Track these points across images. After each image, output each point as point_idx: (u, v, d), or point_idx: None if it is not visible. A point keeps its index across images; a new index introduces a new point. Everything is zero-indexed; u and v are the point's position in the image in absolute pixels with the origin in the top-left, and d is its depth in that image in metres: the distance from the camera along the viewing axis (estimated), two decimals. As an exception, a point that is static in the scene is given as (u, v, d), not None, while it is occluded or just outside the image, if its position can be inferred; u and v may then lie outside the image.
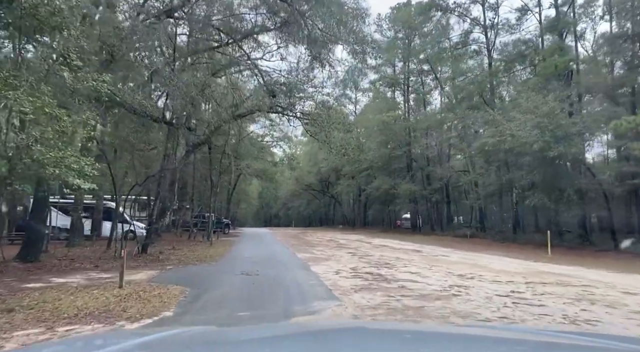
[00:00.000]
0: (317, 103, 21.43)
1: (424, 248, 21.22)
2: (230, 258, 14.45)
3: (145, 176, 19.29)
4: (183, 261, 13.32)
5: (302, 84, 21.30)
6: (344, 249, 20.28)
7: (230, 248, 19.19)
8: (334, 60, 20.82)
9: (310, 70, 23.74)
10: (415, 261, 14.82)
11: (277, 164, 38.89)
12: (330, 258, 15.16)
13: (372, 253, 17.84)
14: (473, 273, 11.36)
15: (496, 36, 30.51)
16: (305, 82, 22.58)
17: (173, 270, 11.11)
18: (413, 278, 10.10)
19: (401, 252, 18.73)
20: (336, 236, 35.24)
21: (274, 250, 18.72)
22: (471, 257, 16.89)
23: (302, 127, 24.98)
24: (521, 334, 1.90)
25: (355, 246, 22.16)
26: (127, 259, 14.36)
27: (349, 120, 23.32)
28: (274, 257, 14.94)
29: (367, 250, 19.52)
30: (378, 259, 14.96)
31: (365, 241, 26.94)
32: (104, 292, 7.32)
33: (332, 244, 23.76)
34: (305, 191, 65.37)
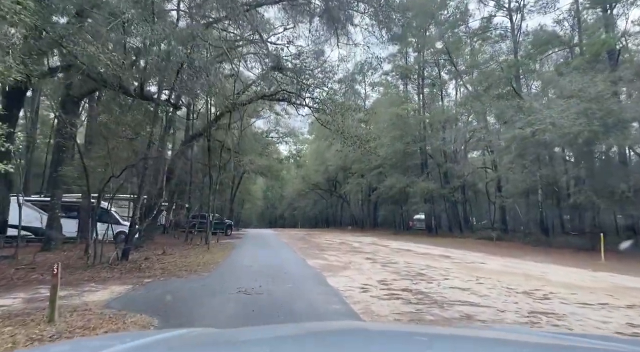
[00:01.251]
0: (329, 88, 18.87)
1: (451, 253, 18.60)
2: (228, 267, 11.90)
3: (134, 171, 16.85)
4: (169, 270, 10.79)
5: (312, 64, 18.74)
6: (360, 253, 17.71)
7: (229, 253, 16.66)
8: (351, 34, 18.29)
9: (320, 53, 21.18)
10: (452, 270, 12.22)
11: (282, 160, 36.37)
12: (348, 266, 12.58)
13: (395, 259, 15.25)
14: (538, 289, 8.75)
15: (522, 19, 27.83)
16: (316, 66, 20.02)
17: (150, 285, 8.57)
18: (468, 298, 7.52)
19: (428, 258, 16.12)
20: (346, 237, 32.63)
21: (280, 255, 16.16)
22: (513, 265, 14.25)
23: (312, 117, 22.47)
24: (523, 335, 1.88)
25: (371, 250, 19.57)
26: (101, 268, 11.92)
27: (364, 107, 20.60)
28: (281, 266, 12.38)
29: (387, 255, 16.93)
30: (406, 268, 12.37)
31: (381, 244, 24.33)
32: (24, 329, 4.79)
33: (344, 248, 21.19)
34: (311, 191, 62.75)
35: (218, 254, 16.04)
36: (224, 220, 33.97)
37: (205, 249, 17.75)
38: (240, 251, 17.79)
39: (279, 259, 14.47)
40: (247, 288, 7.86)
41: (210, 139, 20.06)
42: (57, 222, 16.44)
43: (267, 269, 11.25)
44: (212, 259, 13.96)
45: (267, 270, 11.12)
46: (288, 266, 12.48)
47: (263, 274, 10.12)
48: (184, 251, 17.32)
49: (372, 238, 31.52)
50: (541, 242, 22.85)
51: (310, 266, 12.56)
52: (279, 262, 13.36)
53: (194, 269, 11.13)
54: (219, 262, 13.06)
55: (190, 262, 12.73)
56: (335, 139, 22.32)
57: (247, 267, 11.79)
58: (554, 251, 20.30)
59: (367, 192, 47.37)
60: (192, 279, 9.34)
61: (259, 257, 15.30)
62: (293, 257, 15.73)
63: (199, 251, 17.24)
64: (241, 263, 12.89)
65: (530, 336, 1.92)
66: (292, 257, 15.45)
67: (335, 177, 59.22)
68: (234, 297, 7.09)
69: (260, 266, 12.02)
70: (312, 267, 12.22)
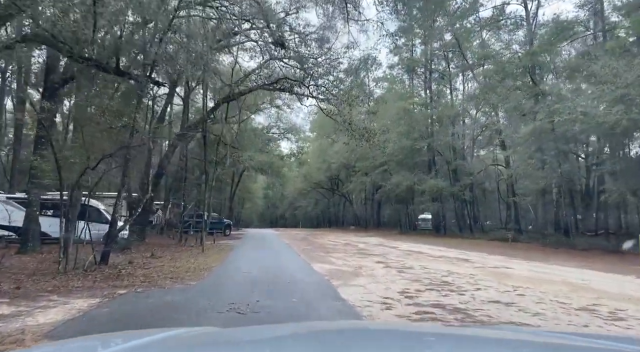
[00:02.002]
0: (335, 76, 17.27)
1: (468, 255, 17.03)
2: (222, 274, 10.34)
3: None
4: (152, 278, 9.23)
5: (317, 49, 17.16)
6: (370, 256, 16.14)
7: (226, 256, 15.10)
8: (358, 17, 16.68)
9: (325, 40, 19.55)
10: (478, 277, 10.65)
11: (284, 157, 34.86)
12: (360, 272, 11.01)
13: (409, 263, 13.68)
14: (596, 303, 7.18)
15: (538, 7, 26.25)
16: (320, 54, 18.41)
17: (123, 298, 7.01)
18: (520, 318, 5.94)
19: (445, 261, 14.55)
20: (350, 238, 31.08)
21: (282, 259, 14.59)
22: (542, 270, 12.67)
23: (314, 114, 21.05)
24: (524, 335, 1.87)
25: (380, 252, 18.01)
26: (74, 275, 10.36)
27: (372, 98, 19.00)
28: (283, 272, 10.82)
29: (399, 258, 15.37)
30: (426, 274, 10.80)
31: (389, 245, 22.77)
32: None
33: (351, 249, 19.64)
34: (313, 190, 61.19)
35: (213, 257, 14.47)
36: (222, 219, 32.45)
37: (200, 251, 16.18)
38: (238, 254, 16.22)
39: (280, 264, 12.90)
40: (241, 304, 6.29)
41: (206, 131, 18.49)
42: (35, 222, 14.88)
43: (267, 277, 9.68)
44: (205, 263, 12.39)
45: (267, 278, 9.55)
46: (291, 272, 10.90)
47: (262, 284, 8.56)
48: (175, 253, 15.76)
49: (378, 239, 29.96)
50: (562, 243, 21.25)
51: (316, 271, 10.99)
52: (281, 268, 11.79)
53: (182, 276, 9.56)
54: (212, 267, 11.48)
55: (180, 268, 11.16)
56: (340, 134, 20.92)
57: (244, 274, 10.21)
58: (578, 254, 18.72)
59: (371, 191, 45.84)
60: (176, 290, 7.77)
61: (259, 260, 13.73)
62: (296, 260, 14.16)
63: (193, 253, 15.68)
64: (238, 269, 11.31)
65: (530, 335, 1.88)
66: (295, 261, 13.88)
67: (338, 175, 57.66)
68: (223, 318, 5.52)
69: (259, 273, 10.45)
70: (319, 273, 10.65)
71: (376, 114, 20.68)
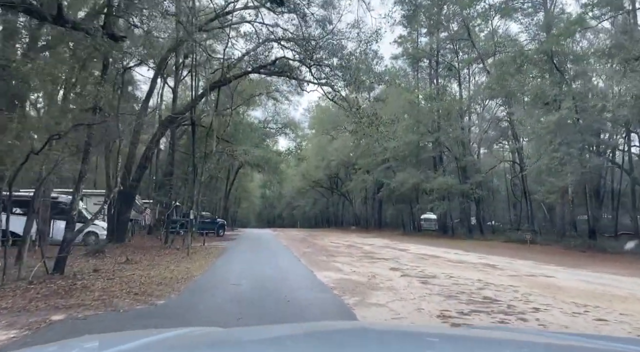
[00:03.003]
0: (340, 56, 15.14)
1: (491, 260, 14.99)
2: (202, 287, 8.24)
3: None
4: (111, 293, 7.13)
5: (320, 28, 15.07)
6: (380, 261, 14.09)
7: (214, 261, 12.98)
8: None
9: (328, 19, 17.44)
10: (523, 290, 8.58)
11: (282, 154, 32.79)
12: (376, 284, 8.92)
13: (429, 270, 11.63)
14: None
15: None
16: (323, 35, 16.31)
17: (51, 330, 4.92)
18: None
19: (470, 268, 12.49)
20: (353, 239, 29.01)
21: (280, 265, 12.47)
22: (594, 280, 10.61)
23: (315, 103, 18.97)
24: (525, 335, 1.88)
25: (390, 256, 15.96)
26: (15, 288, 8.26)
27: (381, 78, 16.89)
28: (280, 284, 8.73)
29: (415, 264, 13.31)
30: (455, 286, 8.75)
31: (397, 248, 20.71)
32: None
33: (356, 252, 17.58)
34: (312, 189, 59.13)
35: (198, 262, 12.36)
36: (215, 219, 30.35)
37: (185, 255, 14.05)
38: (229, 258, 14.10)
39: (277, 272, 10.79)
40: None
41: (194, 120, 16.38)
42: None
43: (260, 293, 7.56)
44: (187, 271, 10.28)
45: (259, 294, 7.45)
46: (291, 284, 8.80)
47: (253, 305, 6.47)
48: (157, 257, 13.66)
49: (382, 240, 27.90)
50: (588, 246, 19.25)
51: (322, 283, 8.89)
52: (278, 278, 9.67)
53: (151, 290, 7.44)
54: (193, 276, 9.37)
55: (154, 277, 9.04)
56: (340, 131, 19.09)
57: (231, 287, 8.11)
58: (612, 258, 16.72)
59: (373, 189, 43.75)
60: (132, 315, 5.67)
61: (252, 267, 11.62)
62: (296, 267, 12.06)
63: (176, 257, 13.56)
64: (224, 279, 9.21)
65: (531, 335, 1.90)
66: (295, 268, 11.77)
67: (337, 174, 55.62)
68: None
69: (250, 285, 8.35)
70: (326, 285, 8.56)
71: (385, 101, 18.67)
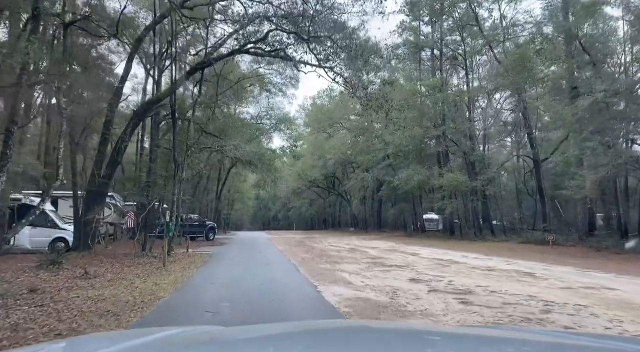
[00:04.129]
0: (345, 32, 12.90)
1: (523, 266, 12.80)
2: (163, 317, 5.93)
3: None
4: (21, 332, 4.81)
5: None
6: (393, 269, 11.86)
7: (193, 274, 10.65)
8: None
9: None
10: (594, 309, 6.48)
11: (276, 151, 30.60)
12: (404, 306, 6.67)
13: (458, 281, 9.43)
14: None
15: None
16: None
17: None
18: None
19: (505, 278, 10.29)
20: (354, 242, 26.78)
21: (274, 277, 10.14)
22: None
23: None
24: (523, 335, 1.83)
25: (403, 262, 13.74)
26: None
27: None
28: (276, 308, 6.46)
29: (437, 273, 11.09)
30: (508, 307, 6.55)
31: (406, 251, 18.48)
32: None
33: (361, 258, 15.34)
34: (308, 189, 56.76)
35: (174, 275, 10.05)
36: (205, 222, 27.94)
37: (160, 265, 11.71)
38: (214, 269, 11.78)
39: (272, 288, 8.46)
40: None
41: (174, 108, 14.05)
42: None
43: (247, 324, 5.27)
44: (154, 289, 7.97)
45: (245, 322, 5.15)
46: (290, 308, 6.51)
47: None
48: (127, 268, 11.33)
49: (386, 242, 25.68)
50: (622, 247, 17.12)
51: (331, 305, 6.62)
52: (273, 298, 7.34)
53: (86, 324, 5.14)
54: (160, 298, 7.06)
55: (105, 300, 6.75)
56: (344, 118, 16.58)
57: (207, 317, 5.81)
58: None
59: (373, 189, 41.53)
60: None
61: (239, 282, 9.30)
62: (296, 280, 9.77)
63: (150, 268, 11.25)
64: (199, 302, 6.90)
65: (530, 335, 1.84)
66: (294, 282, 9.48)
67: (334, 174, 53.35)
68: None
69: (234, 313, 6.06)
70: (337, 309, 6.29)
71: (393, 84, 16.50)
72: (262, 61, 29.96)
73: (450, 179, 23.59)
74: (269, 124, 33.16)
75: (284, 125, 33.53)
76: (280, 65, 30.23)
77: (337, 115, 44.05)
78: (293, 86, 31.20)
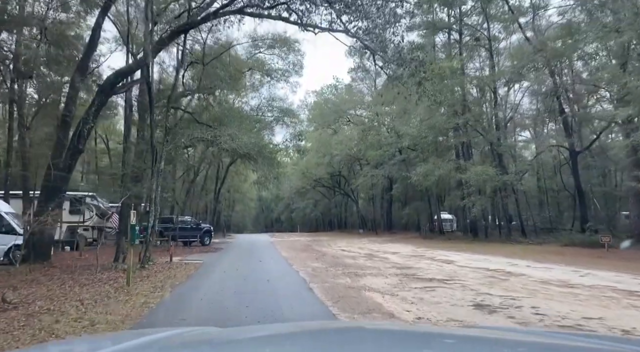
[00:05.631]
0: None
1: (600, 278, 9.74)
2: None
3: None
4: None
5: None
6: (436, 286, 8.83)
7: (163, 297, 7.58)
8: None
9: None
10: None
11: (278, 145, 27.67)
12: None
13: (544, 306, 6.48)
14: None
15: None
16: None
17: None
18: None
19: (603, 298, 7.29)
20: (366, 245, 23.74)
21: (278, 303, 7.04)
22: None
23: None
24: (523, 335, 1.81)
25: (442, 274, 10.70)
26: None
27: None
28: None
29: (500, 291, 8.09)
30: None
31: (435, 258, 15.40)
32: None
33: (385, 267, 12.31)
34: (312, 189, 53.70)
35: (133, 301, 7.01)
36: (199, 224, 24.94)
37: (130, 281, 8.66)
38: (193, 290, 8.70)
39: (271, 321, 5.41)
40: None
41: (150, 80, 11.07)
42: None
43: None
44: (87, 331, 4.95)
45: None
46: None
47: None
48: (78, 287, 8.35)
49: (404, 246, 22.62)
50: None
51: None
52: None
53: None
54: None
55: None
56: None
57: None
58: None
59: (384, 186, 38.45)
60: None
61: (224, 317, 6.24)
62: (309, 307, 6.70)
63: (107, 289, 8.23)
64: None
65: (530, 335, 1.82)
66: (306, 310, 6.44)
67: (340, 172, 50.30)
68: None
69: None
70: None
71: (424, 49, 13.45)
72: (261, 45, 27.13)
73: (478, 172, 20.48)
74: (270, 116, 30.14)
75: (286, 117, 30.47)
76: (282, 49, 27.37)
77: (345, 108, 41.05)
78: (296, 73, 28.20)
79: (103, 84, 11.41)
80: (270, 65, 27.10)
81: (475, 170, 20.70)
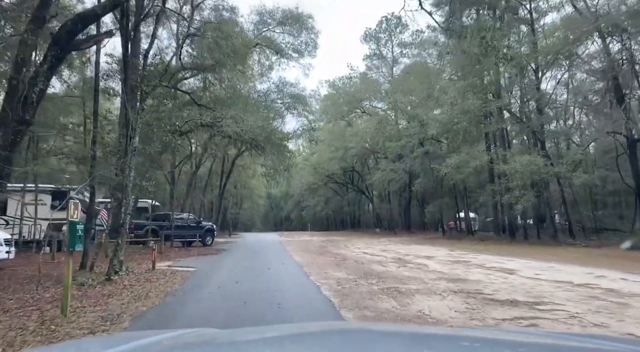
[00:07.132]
0: None
1: None
2: None
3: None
4: None
5: None
6: (529, 315, 5.77)
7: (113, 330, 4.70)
8: None
9: None
10: None
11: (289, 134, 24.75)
12: None
13: None
14: None
15: None
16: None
17: None
18: None
19: None
20: (390, 247, 20.73)
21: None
22: None
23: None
24: (522, 335, 1.79)
25: (518, 292, 7.65)
26: None
27: None
28: None
29: (631, 326, 4.99)
30: None
31: (486, 265, 12.31)
32: None
33: (430, 279, 9.29)
34: (324, 185, 50.72)
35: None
36: (200, 223, 22.14)
37: (67, 308, 5.77)
38: (162, 323, 5.80)
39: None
40: None
41: (126, 22, 8.18)
42: None
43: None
44: None
45: None
46: None
47: None
48: (19, 307, 5.48)
49: (436, 248, 19.55)
50: None
51: None
52: None
53: None
54: None
55: None
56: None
57: None
58: None
59: (403, 182, 35.30)
60: None
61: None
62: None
63: (31, 320, 5.34)
64: None
65: (529, 335, 1.81)
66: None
67: (354, 167, 47.29)
68: None
69: None
70: None
71: None
72: (270, 22, 24.22)
73: (524, 163, 17.31)
74: (280, 103, 27.21)
75: (298, 104, 27.53)
76: (294, 26, 24.43)
77: (360, 97, 38.07)
78: (309, 54, 25.25)
79: (57, 33, 8.56)
80: (280, 44, 24.19)
81: (520, 161, 17.52)
